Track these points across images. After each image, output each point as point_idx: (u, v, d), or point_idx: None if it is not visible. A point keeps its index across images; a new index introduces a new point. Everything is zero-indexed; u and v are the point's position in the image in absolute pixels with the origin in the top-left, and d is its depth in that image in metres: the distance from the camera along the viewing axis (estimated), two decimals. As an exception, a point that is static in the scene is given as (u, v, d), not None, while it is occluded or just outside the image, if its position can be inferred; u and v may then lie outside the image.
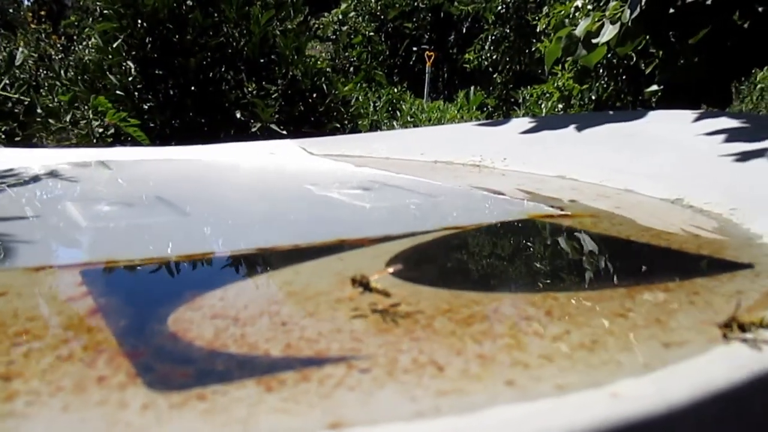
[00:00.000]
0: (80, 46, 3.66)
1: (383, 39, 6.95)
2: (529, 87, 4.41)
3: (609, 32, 1.92)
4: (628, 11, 1.85)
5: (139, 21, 2.86)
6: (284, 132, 3.07)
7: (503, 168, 1.11)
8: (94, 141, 1.56)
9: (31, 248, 0.58)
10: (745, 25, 1.78)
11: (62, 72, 2.86)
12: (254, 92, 3.06)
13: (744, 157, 0.91)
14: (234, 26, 3.23)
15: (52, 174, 0.99)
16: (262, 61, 3.28)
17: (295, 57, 3.24)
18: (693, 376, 0.29)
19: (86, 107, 1.57)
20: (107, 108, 1.57)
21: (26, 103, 1.50)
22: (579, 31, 1.99)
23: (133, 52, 2.89)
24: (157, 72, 2.98)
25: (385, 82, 5.95)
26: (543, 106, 3.97)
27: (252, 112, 3.11)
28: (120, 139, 1.67)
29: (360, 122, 4.28)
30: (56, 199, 0.83)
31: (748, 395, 0.28)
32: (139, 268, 0.51)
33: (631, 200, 0.83)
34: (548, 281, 0.51)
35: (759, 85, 4.83)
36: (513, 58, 5.82)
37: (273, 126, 3.12)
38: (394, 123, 4.05)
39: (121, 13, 2.80)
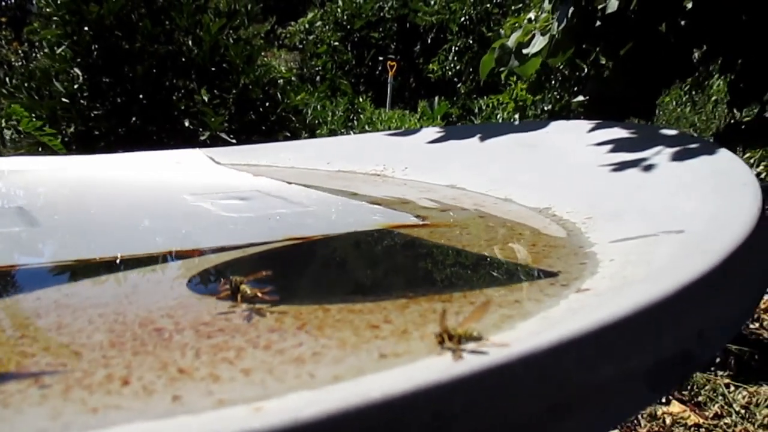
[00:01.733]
0: (41, 53, 3.62)
1: (349, 48, 6.96)
2: (485, 97, 4.45)
3: (539, 43, 1.94)
4: (556, 23, 1.87)
5: (86, 28, 2.83)
6: (234, 141, 3.05)
7: (402, 177, 1.11)
8: (5, 149, 1.54)
9: None
10: (671, 39, 1.81)
11: (7, 79, 2.82)
12: (205, 101, 3.03)
13: (621, 167, 0.92)
14: (185, 34, 3.20)
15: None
16: (213, 69, 3.25)
17: (246, 66, 3.22)
18: (351, 389, 0.28)
19: (-2, 115, 1.54)
20: (22, 116, 1.54)
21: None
22: (511, 42, 2.01)
23: (79, 59, 2.86)
24: (103, 79, 2.94)
25: (350, 91, 5.96)
26: (499, 116, 4.00)
27: (201, 121, 3.08)
28: (38, 149, 1.65)
29: (318, 131, 4.28)
30: None
31: (414, 409, 0.28)
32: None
33: (501, 209, 0.83)
34: (339, 292, 0.51)
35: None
36: (476, 68, 5.86)
37: (223, 135, 3.09)
38: (351, 132, 4.06)
39: (66, 19, 2.77)
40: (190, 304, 0.44)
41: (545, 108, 3.69)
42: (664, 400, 1.60)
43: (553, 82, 3.84)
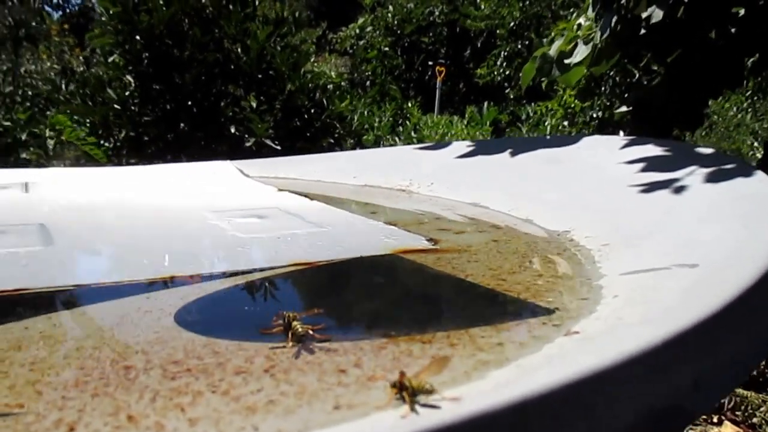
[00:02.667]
0: (96, 60, 3.74)
1: (399, 53, 6.97)
2: (533, 104, 4.37)
3: (582, 52, 1.90)
4: (599, 32, 1.82)
5: (137, 37, 2.91)
6: (278, 147, 3.09)
7: (427, 193, 1.09)
8: (50, 159, 1.59)
9: None
10: (720, 47, 1.74)
11: (63, 85, 2.92)
12: (252, 107, 3.08)
13: (651, 187, 0.88)
14: (233, 42, 3.26)
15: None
16: (260, 76, 3.30)
17: (293, 72, 3.25)
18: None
19: (43, 126, 1.59)
20: (65, 126, 1.59)
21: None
22: (553, 51, 1.97)
23: (130, 67, 2.94)
24: (154, 86, 3.02)
25: (399, 96, 5.96)
26: (547, 123, 3.92)
27: (247, 127, 3.13)
28: (80, 159, 1.69)
29: (365, 137, 4.28)
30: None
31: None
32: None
33: (519, 232, 0.81)
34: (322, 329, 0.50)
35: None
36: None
37: (267, 141, 3.14)
38: (396, 139, 4.05)
39: (119, 28, 2.86)
40: (170, 339, 0.44)
41: (594, 115, 3.61)
42: (716, 420, 1.53)
43: (603, 88, 3.75)
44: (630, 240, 0.70)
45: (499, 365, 0.38)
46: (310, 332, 0.43)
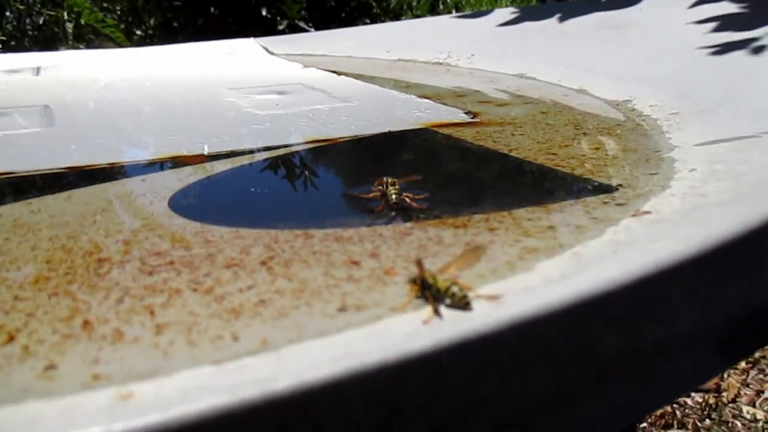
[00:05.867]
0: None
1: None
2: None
3: None
4: None
5: None
6: (312, 29, 2.94)
7: (466, 66, 0.98)
8: (68, 42, 1.51)
9: None
10: None
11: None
12: (283, -14, 2.91)
13: (726, 48, 0.76)
14: None
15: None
16: (291, -48, 3.09)
17: (326, -54, 3.04)
18: (252, 372, 0.21)
19: (60, 9, 1.50)
20: (83, 8, 1.50)
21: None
22: None
23: (155, -53, 2.78)
24: (181, -32, 2.87)
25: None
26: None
27: (279, 10, 2.98)
28: (100, 42, 1.61)
29: (403, 17, 4.06)
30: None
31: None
32: None
33: (571, 102, 0.71)
34: (338, 212, 0.43)
35: None
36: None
37: (301, 23, 2.99)
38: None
39: None
40: (157, 226, 0.37)
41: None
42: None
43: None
44: (706, 107, 0.60)
45: (550, 254, 0.31)
46: (407, 200, 0.39)
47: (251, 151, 0.54)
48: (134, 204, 0.42)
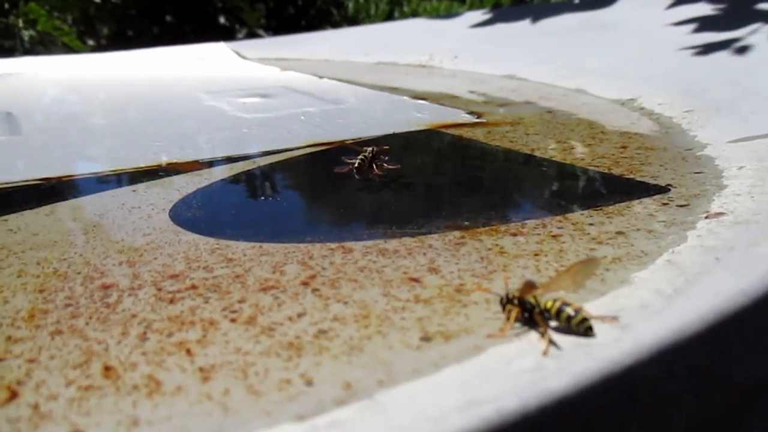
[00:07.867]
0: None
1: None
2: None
3: None
4: None
5: None
6: (272, 38, 2.88)
7: (450, 67, 0.95)
8: (24, 48, 1.42)
9: None
10: None
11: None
12: (241, -5, 2.84)
13: (712, 48, 0.74)
14: None
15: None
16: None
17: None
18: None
19: (14, 16, 1.41)
20: (39, 15, 1.42)
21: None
22: None
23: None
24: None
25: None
26: None
27: (237, 17, 2.91)
28: (55, 49, 1.51)
29: (362, 24, 4.03)
30: None
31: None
32: None
33: (573, 102, 0.68)
34: (368, 221, 0.38)
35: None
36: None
37: (260, 31, 2.92)
38: (395, 24, 3.81)
39: None
40: (165, 243, 0.32)
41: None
42: None
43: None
44: (718, 105, 0.57)
45: (639, 263, 0.27)
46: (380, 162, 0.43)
47: (249, 157, 0.49)
48: (129, 218, 0.36)
